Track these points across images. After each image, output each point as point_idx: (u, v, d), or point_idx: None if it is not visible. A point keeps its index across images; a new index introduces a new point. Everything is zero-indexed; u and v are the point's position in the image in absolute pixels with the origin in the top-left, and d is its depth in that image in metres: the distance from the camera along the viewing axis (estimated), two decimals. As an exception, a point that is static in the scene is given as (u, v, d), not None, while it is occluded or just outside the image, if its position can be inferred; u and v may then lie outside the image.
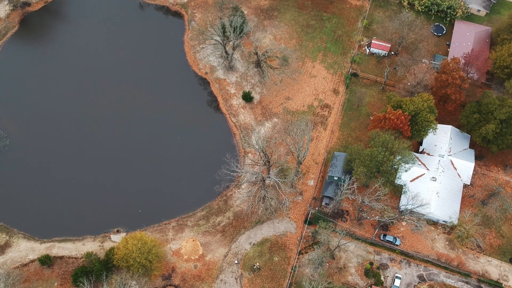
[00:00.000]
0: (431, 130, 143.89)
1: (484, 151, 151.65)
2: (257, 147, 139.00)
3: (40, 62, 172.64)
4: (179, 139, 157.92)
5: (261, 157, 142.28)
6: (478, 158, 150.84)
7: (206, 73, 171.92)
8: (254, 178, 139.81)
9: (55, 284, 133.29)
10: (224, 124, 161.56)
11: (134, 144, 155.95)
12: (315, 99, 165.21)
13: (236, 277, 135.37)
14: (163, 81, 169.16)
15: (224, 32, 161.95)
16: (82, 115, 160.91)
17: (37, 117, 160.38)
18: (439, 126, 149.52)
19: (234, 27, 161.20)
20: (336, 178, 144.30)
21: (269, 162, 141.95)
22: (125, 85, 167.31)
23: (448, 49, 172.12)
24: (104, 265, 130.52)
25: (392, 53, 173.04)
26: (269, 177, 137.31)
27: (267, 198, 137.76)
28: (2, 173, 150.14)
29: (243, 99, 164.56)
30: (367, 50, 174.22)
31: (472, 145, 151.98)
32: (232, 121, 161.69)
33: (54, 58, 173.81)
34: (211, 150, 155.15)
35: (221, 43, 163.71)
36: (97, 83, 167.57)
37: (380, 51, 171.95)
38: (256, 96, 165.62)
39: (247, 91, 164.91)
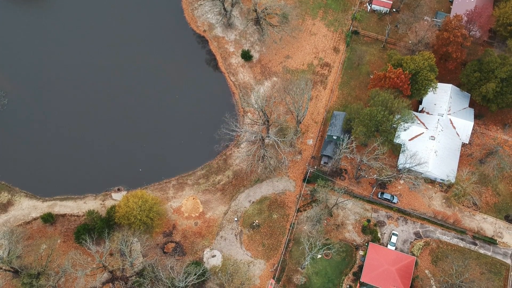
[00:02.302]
0: (431, 89, 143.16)
1: (483, 110, 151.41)
2: (256, 106, 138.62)
3: (36, 20, 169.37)
4: (177, 98, 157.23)
5: (260, 117, 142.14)
6: (477, 117, 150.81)
7: (205, 30, 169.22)
8: (253, 138, 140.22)
9: (58, 241, 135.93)
10: (223, 83, 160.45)
11: (133, 103, 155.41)
12: (315, 57, 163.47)
13: (236, 233, 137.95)
14: (160, 39, 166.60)
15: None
16: (80, 74, 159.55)
17: (34, 75, 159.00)
18: (439, 85, 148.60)
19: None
20: (335, 137, 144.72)
21: (268, 121, 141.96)
22: (122, 43, 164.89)
23: (451, 6, 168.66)
24: (106, 223, 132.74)
25: (394, 10, 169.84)
26: (268, 137, 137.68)
27: (266, 157, 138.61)
28: (2, 133, 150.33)
29: (242, 58, 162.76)
30: (369, 7, 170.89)
31: (471, 104, 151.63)
32: (231, 80, 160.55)
33: (50, 15, 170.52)
34: (210, 109, 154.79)
35: (219, 0, 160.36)
36: (94, 41, 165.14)
37: (382, 8, 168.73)
38: (255, 55, 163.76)
39: (246, 49, 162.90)
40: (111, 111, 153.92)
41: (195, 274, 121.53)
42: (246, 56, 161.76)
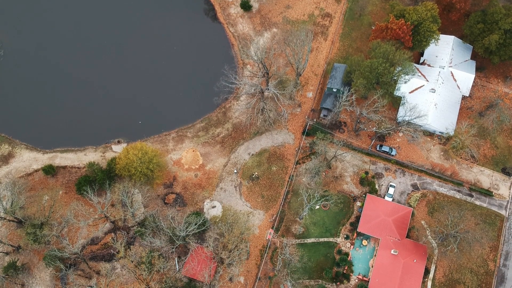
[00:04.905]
0: (433, 40, 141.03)
1: (485, 62, 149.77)
2: (255, 58, 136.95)
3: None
4: (175, 49, 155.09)
5: (260, 69, 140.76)
6: (478, 69, 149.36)
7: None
8: (252, 90, 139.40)
9: (60, 192, 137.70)
10: (222, 35, 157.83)
11: (131, 56, 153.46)
12: (316, 7, 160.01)
13: (235, 185, 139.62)
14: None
15: None
16: (77, 26, 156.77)
17: (31, 25, 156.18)
18: (442, 36, 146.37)
19: None
20: (335, 90, 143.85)
21: (268, 73, 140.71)
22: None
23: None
24: (107, 174, 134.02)
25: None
26: (268, 89, 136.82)
27: (265, 110, 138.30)
28: (1, 85, 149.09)
29: (242, 8, 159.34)
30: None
31: (473, 56, 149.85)
32: (230, 31, 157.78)
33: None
34: (209, 61, 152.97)
35: None
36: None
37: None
38: (255, 5, 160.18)
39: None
40: (109, 64, 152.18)
41: (195, 224, 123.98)
42: (246, 6, 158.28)
